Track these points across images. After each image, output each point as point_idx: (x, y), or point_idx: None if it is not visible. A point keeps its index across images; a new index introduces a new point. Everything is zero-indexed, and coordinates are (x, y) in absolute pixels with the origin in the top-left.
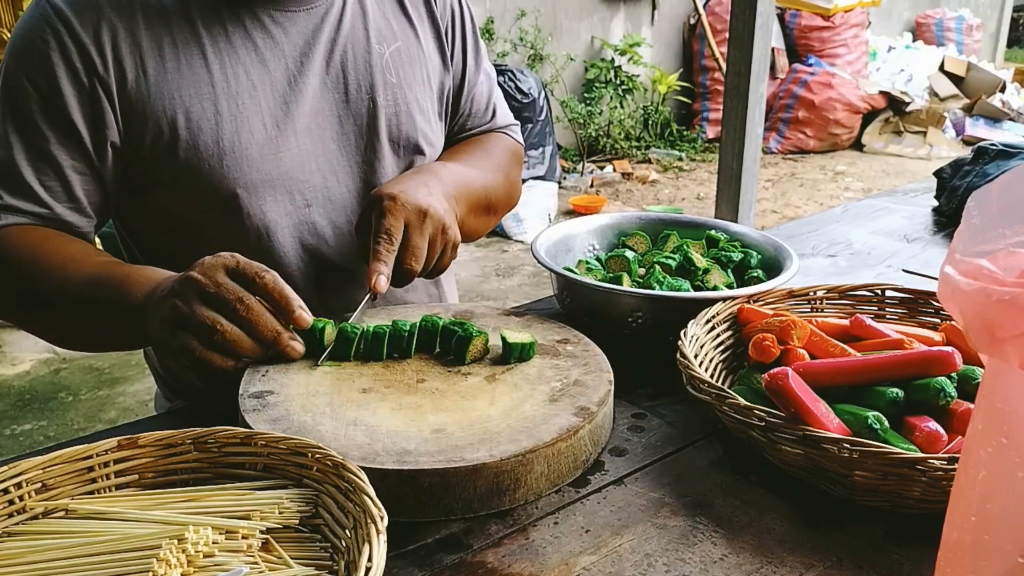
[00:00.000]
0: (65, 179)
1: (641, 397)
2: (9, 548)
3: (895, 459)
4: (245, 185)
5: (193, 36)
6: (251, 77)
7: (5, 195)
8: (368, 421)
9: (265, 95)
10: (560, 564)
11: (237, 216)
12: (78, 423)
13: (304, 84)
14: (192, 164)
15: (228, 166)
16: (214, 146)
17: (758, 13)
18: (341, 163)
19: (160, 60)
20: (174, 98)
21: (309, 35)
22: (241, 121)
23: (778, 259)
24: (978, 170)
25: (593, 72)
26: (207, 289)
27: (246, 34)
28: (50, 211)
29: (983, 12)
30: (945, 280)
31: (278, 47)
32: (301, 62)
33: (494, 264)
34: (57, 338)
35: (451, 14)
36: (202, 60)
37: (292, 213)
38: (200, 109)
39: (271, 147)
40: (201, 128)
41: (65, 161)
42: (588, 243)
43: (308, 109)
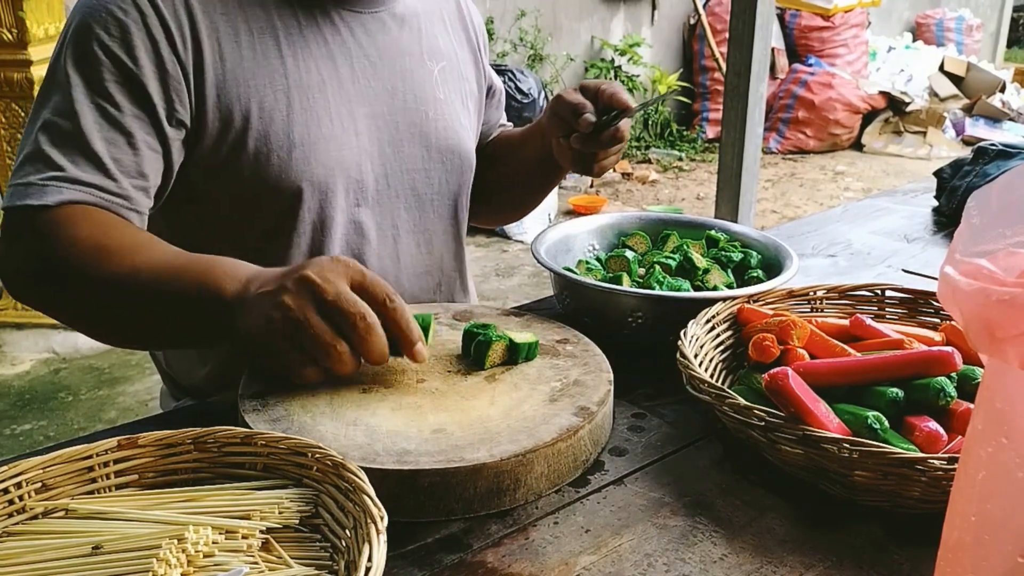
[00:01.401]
0: (137, 152)
1: (641, 397)
2: (9, 548)
3: (895, 459)
4: (311, 179)
5: (268, 26)
6: (321, 72)
7: (69, 167)
8: (368, 421)
9: (333, 91)
10: (560, 564)
11: (296, 211)
12: (78, 423)
13: (366, 87)
14: (261, 154)
15: (297, 159)
16: (285, 138)
17: (758, 13)
18: (393, 168)
19: (236, 46)
20: (249, 86)
21: (372, 39)
22: (311, 115)
23: (778, 259)
24: (978, 170)
25: (593, 72)
26: (326, 296)
27: (317, 29)
28: (116, 184)
29: (983, 12)
30: (945, 280)
31: (345, 46)
32: (364, 64)
33: (494, 264)
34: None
35: (479, 35)
36: (276, 51)
37: (344, 211)
38: (273, 99)
39: (335, 144)
40: (273, 119)
41: (138, 134)
42: (588, 243)
43: (368, 111)
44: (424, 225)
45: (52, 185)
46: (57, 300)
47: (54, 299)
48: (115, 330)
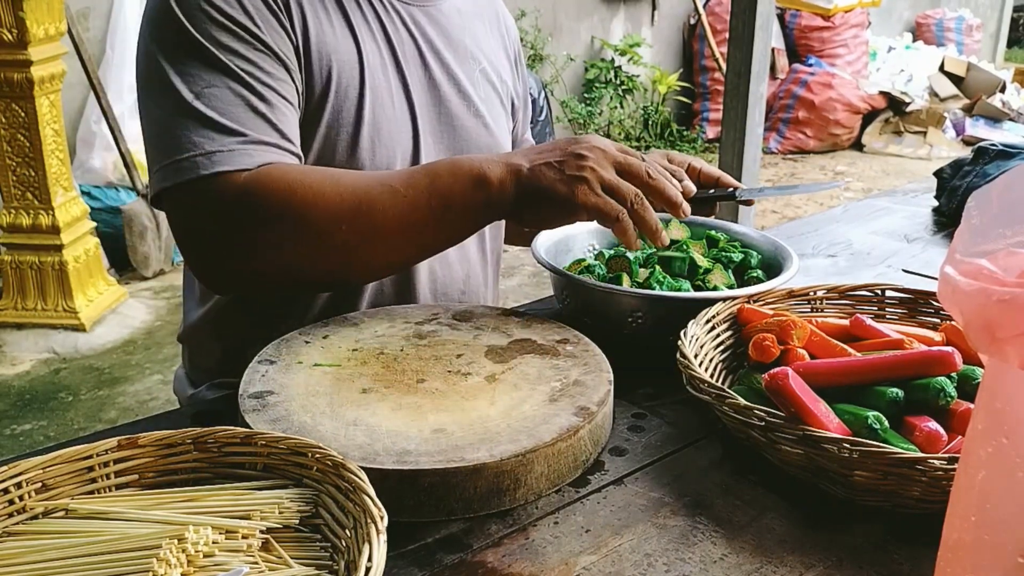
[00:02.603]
0: (291, 112)
1: (641, 397)
2: (9, 548)
3: (895, 459)
4: (373, 159)
5: (339, 5)
6: (383, 56)
7: (248, 130)
8: (368, 421)
9: (393, 75)
10: (560, 564)
11: None
12: (78, 423)
13: (420, 73)
14: (332, 130)
15: (364, 137)
16: (356, 115)
17: (758, 13)
18: (431, 156)
19: (318, 20)
20: (331, 59)
21: (424, 31)
22: (377, 95)
23: (778, 259)
24: (978, 170)
25: (593, 72)
26: (605, 183)
27: (375, 14)
28: (292, 145)
29: (983, 12)
30: (945, 280)
31: (399, 34)
32: (416, 54)
33: None
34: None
35: (513, 41)
36: (350, 29)
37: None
38: (349, 76)
39: (396, 126)
40: (348, 95)
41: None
42: (588, 243)
43: (421, 98)
44: None
45: (240, 149)
46: (287, 259)
47: (283, 259)
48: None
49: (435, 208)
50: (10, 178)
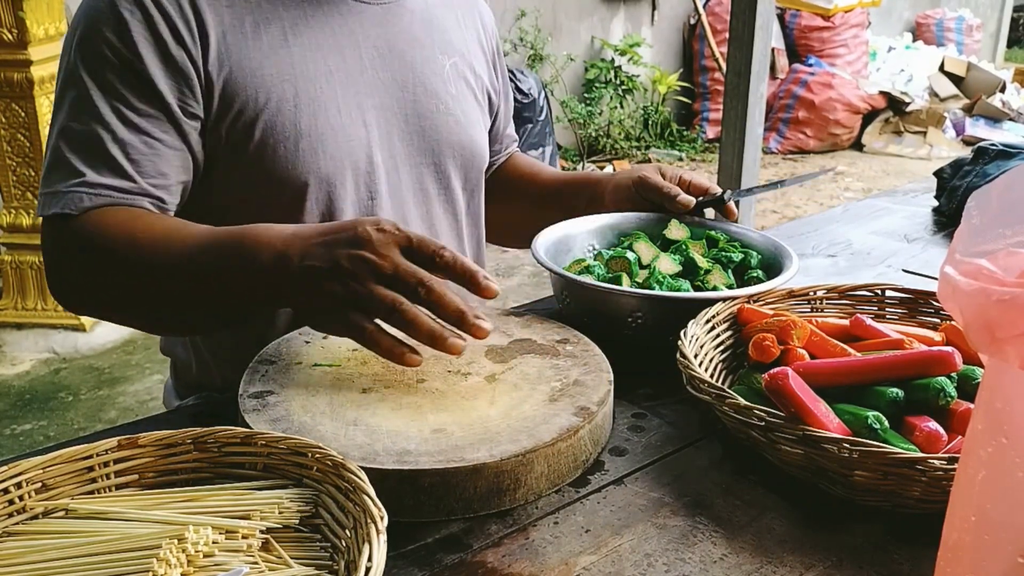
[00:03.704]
0: (154, 152)
1: (641, 397)
2: (9, 548)
3: (895, 459)
4: (317, 172)
5: (275, 17)
6: (328, 63)
7: (89, 172)
8: (368, 421)
9: (340, 82)
10: (560, 564)
11: (302, 205)
12: (78, 423)
13: (375, 78)
14: (268, 146)
15: (303, 150)
16: (291, 128)
17: (758, 13)
18: (403, 161)
19: (243, 37)
20: (256, 76)
21: (381, 31)
22: (318, 106)
23: (778, 259)
24: (978, 170)
25: (593, 72)
26: (385, 271)
27: (324, 20)
28: (137, 185)
29: (983, 12)
30: (945, 280)
31: (353, 37)
32: (373, 55)
33: (494, 264)
34: (162, 322)
35: (491, 36)
36: (283, 41)
37: (355, 204)
38: (280, 90)
39: (343, 135)
40: (280, 109)
41: (155, 132)
42: (588, 243)
43: (377, 103)
44: (431, 220)
45: (75, 192)
46: (103, 301)
47: (101, 301)
48: (165, 315)
49: (215, 289)
50: (10, 178)
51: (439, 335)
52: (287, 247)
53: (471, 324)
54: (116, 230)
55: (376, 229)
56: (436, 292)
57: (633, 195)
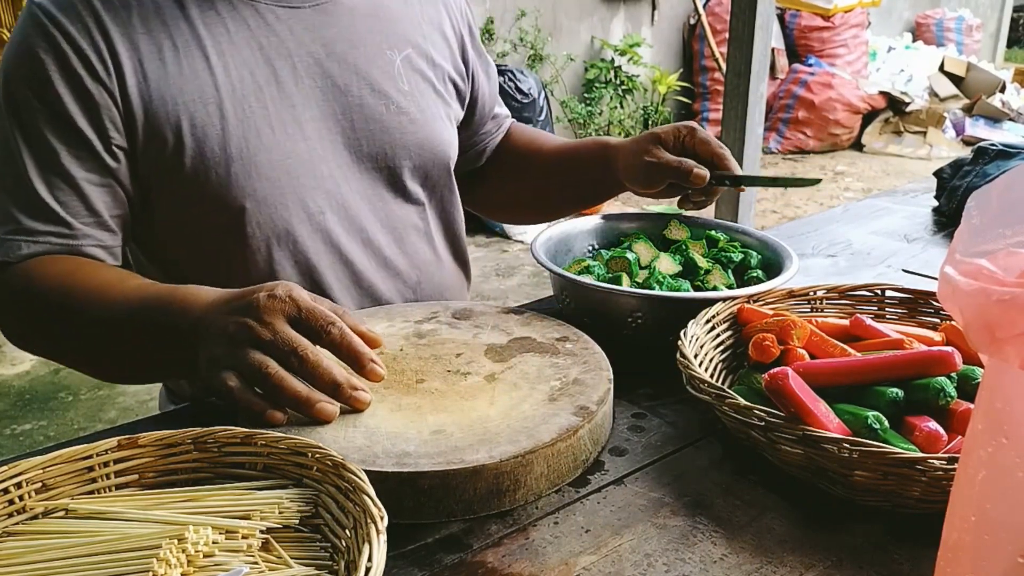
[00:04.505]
0: (81, 192)
1: (641, 397)
2: (9, 548)
3: (895, 459)
4: (253, 195)
5: (193, 36)
6: (256, 79)
7: (23, 217)
8: (367, 422)
9: (272, 97)
10: (560, 564)
11: (243, 229)
12: (78, 423)
13: (312, 86)
14: (199, 173)
15: (236, 174)
16: (221, 153)
17: (758, 13)
18: (353, 169)
19: (161, 63)
20: (177, 103)
21: (317, 34)
22: (248, 126)
23: (778, 259)
24: (978, 170)
25: (593, 72)
26: (262, 338)
27: (250, 34)
28: (69, 229)
29: (983, 12)
30: (945, 280)
31: (284, 45)
32: (309, 63)
33: (494, 264)
34: (100, 372)
35: (459, 17)
36: (204, 62)
37: (304, 220)
38: (205, 114)
39: (280, 153)
40: (207, 134)
41: (78, 173)
42: (588, 243)
43: (317, 113)
44: (392, 225)
45: (13, 240)
46: (43, 346)
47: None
48: (110, 371)
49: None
50: None
51: (305, 401)
52: (204, 314)
53: (347, 397)
54: (52, 282)
55: (268, 296)
56: (309, 362)
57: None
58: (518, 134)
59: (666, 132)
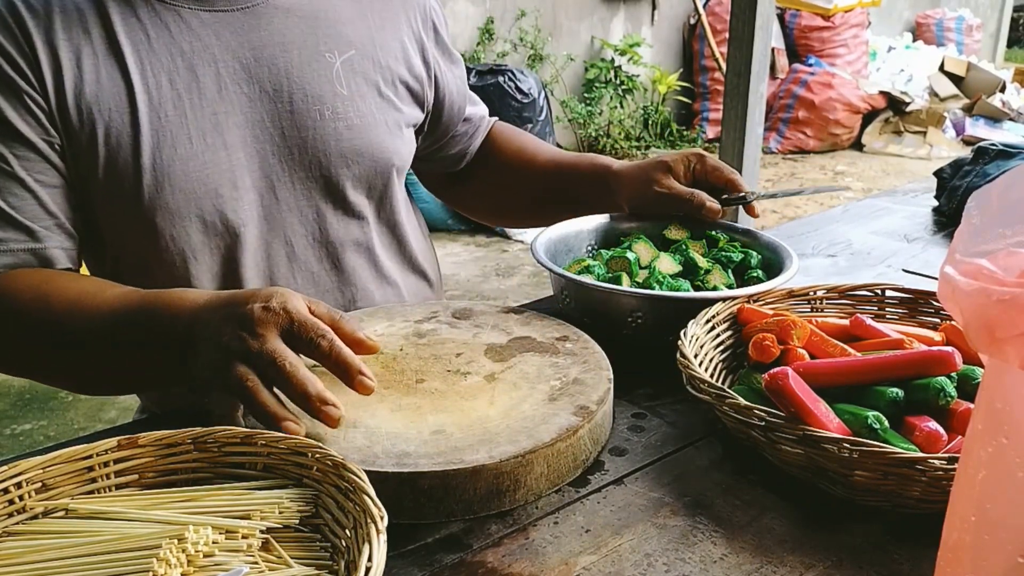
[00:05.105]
0: (34, 194)
1: (641, 397)
2: (9, 548)
3: (895, 459)
4: (164, 208)
5: (112, 44)
6: (176, 87)
7: None
8: (367, 423)
9: (192, 105)
10: (560, 564)
11: (157, 243)
12: (78, 423)
13: (238, 93)
14: (110, 183)
15: (147, 185)
16: (132, 164)
17: (758, 13)
18: (282, 179)
19: (78, 71)
20: (92, 112)
21: (245, 38)
22: (163, 136)
23: (778, 259)
24: (978, 170)
25: (593, 72)
26: (251, 350)
27: (171, 40)
28: (30, 234)
29: (983, 12)
30: (945, 280)
31: (208, 51)
32: (235, 68)
33: (494, 264)
34: (82, 385)
35: (420, 17)
36: (122, 71)
37: (223, 234)
38: (120, 123)
39: (197, 164)
40: (120, 144)
41: (29, 177)
42: (587, 243)
43: (242, 120)
44: (326, 238)
45: None
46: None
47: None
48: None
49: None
50: None
51: (272, 416)
52: (198, 317)
53: (315, 410)
54: (26, 295)
55: (262, 308)
56: (283, 375)
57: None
58: (505, 138)
59: (675, 160)
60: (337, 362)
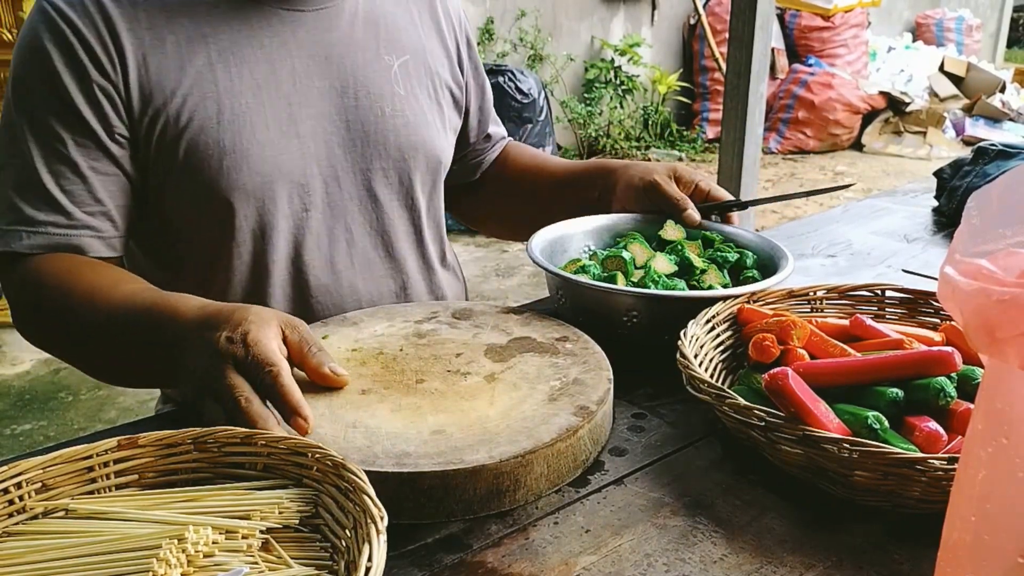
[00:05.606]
0: (86, 180)
1: (641, 397)
2: (9, 548)
3: (895, 459)
4: (243, 187)
5: (197, 34)
6: (255, 77)
7: (26, 207)
8: (367, 423)
9: (269, 95)
10: (560, 564)
11: (232, 222)
12: (78, 423)
13: (310, 87)
14: (191, 164)
15: (227, 167)
16: (214, 146)
17: (758, 13)
18: (346, 169)
19: (163, 57)
20: (176, 96)
21: (318, 37)
22: (243, 121)
23: (774, 259)
24: (978, 170)
25: (593, 72)
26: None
27: (252, 33)
28: (68, 219)
29: (983, 12)
30: (945, 280)
31: (285, 47)
32: (308, 64)
33: (494, 264)
34: (98, 374)
35: (457, 29)
36: (206, 58)
37: (290, 216)
38: (202, 108)
39: (272, 149)
40: (203, 128)
41: (84, 162)
42: (584, 243)
43: (314, 112)
44: (383, 227)
45: (13, 230)
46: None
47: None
48: (100, 369)
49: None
50: None
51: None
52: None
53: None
54: (52, 281)
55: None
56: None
57: (642, 197)
58: (519, 154)
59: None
60: (280, 398)
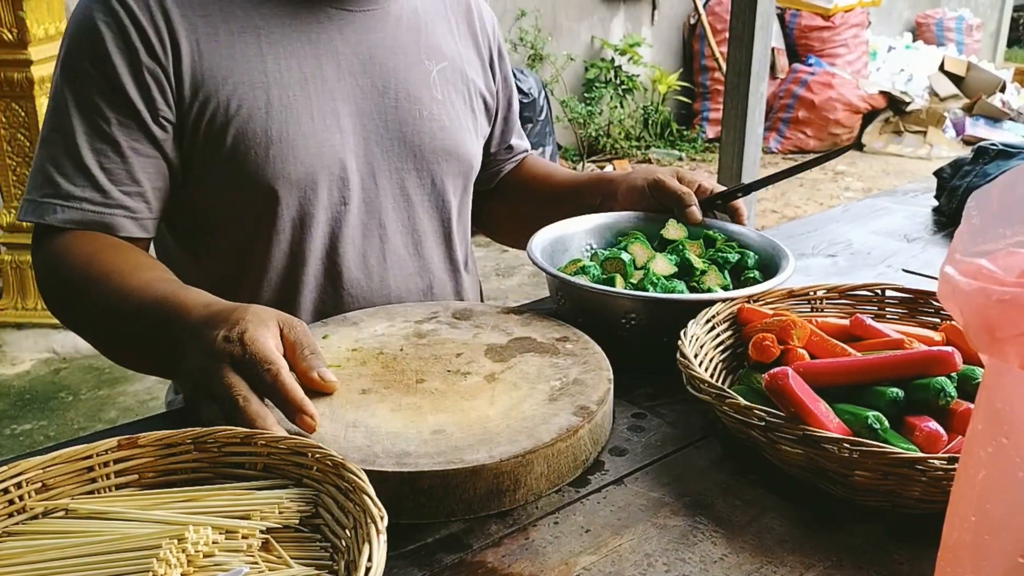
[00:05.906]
0: (126, 160)
1: (641, 397)
2: (9, 548)
3: (895, 459)
4: (288, 176)
5: (250, 26)
6: (303, 70)
7: (63, 181)
8: (367, 423)
9: (315, 89)
10: (560, 564)
11: (275, 209)
12: (78, 423)
13: (353, 84)
14: (239, 151)
15: (274, 156)
16: (262, 135)
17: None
18: (380, 166)
19: (216, 45)
20: (227, 83)
21: (363, 37)
22: (290, 112)
23: (775, 259)
24: (978, 170)
25: (593, 72)
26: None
27: (301, 29)
28: (103, 196)
29: (983, 12)
30: (945, 280)
31: (332, 44)
32: (353, 62)
33: (494, 264)
34: (114, 356)
35: (491, 39)
36: (257, 49)
37: (328, 208)
38: (252, 97)
39: (316, 141)
40: (252, 116)
41: (124, 142)
42: (585, 243)
43: (355, 109)
44: (413, 226)
45: (48, 203)
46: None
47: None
48: (116, 351)
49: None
50: (10, 178)
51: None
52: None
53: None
54: (77, 260)
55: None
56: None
57: (646, 196)
58: (534, 164)
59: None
60: (281, 396)
